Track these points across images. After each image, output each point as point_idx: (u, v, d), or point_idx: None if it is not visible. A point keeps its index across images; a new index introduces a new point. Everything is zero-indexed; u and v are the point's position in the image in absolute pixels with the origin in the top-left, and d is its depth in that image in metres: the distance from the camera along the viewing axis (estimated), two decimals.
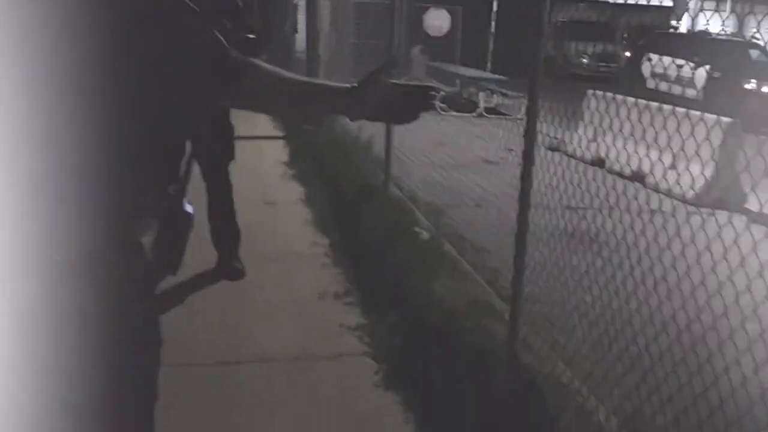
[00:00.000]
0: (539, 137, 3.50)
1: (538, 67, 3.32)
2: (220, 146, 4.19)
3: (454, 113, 11.98)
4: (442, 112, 12.02)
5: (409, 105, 1.71)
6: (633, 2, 22.18)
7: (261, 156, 7.49)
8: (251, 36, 4.01)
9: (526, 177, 3.35)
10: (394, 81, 1.74)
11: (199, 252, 4.30)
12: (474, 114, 11.89)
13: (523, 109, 3.59)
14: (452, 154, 8.15)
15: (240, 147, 4.44)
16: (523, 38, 3.43)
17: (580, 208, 4.13)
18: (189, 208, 2.15)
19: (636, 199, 3.68)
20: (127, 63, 1.47)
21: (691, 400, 2.56)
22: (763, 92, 12.61)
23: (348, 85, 1.68)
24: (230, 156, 4.27)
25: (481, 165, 7.89)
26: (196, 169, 4.13)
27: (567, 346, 3.23)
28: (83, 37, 1.42)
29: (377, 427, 2.91)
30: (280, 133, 8.95)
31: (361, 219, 5.04)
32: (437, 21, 15.62)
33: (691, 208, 6.20)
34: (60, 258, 1.43)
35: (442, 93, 12.71)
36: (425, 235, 4.76)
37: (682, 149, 3.85)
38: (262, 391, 3.10)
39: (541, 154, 3.64)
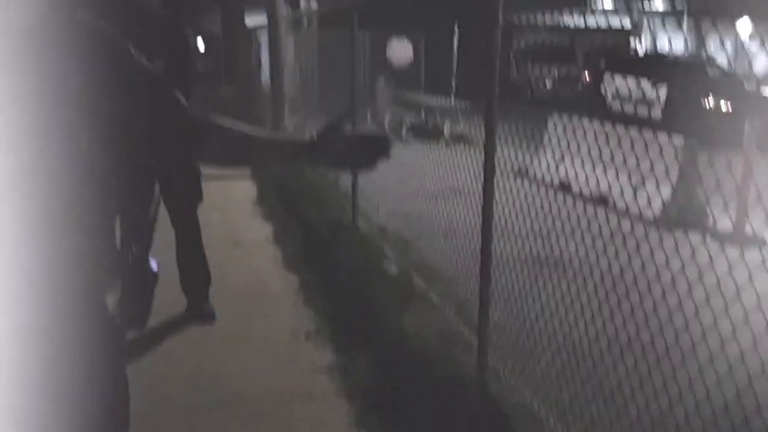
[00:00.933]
0: (503, 163, 3.58)
1: (493, 94, 3.39)
2: (187, 190, 4.21)
3: (420, 142, 12.11)
4: (409, 141, 12.17)
5: (367, 154, 1.78)
6: (593, 26, 22.72)
7: (229, 195, 7.50)
8: (200, 71, 4.09)
9: (487, 207, 3.43)
10: (351, 132, 1.82)
11: (169, 296, 4.31)
12: (439, 142, 12.02)
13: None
14: (419, 184, 8.23)
15: (207, 186, 4.47)
16: (483, 64, 3.52)
17: (545, 233, 4.21)
18: (154, 266, 2.19)
19: (600, 220, 3.76)
20: (88, 130, 1.51)
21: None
22: (721, 110, 12.92)
23: (307, 138, 1.75)
24: (198, 198, 4.29)
25: (448, 193, 7.97)
26: (163, 213, 4.17)
27: (534, 374, 3.28)
28: (41, 107, 1.46)
29: None
30: (247, 171, 8.98)
31: (331, 256, 5.08)
32: (400, 51, 15.82)
33: (655, 227, 6.34)
34: (30, 323, 1.46)
35: (408, 122, 12.90)
36: (394, 269, 4.81)
37: (643, 170, 3.96)
38: None
39: (504, 180, 3.72)
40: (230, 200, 7.30)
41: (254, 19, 14.54)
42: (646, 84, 13.99)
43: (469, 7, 15.67)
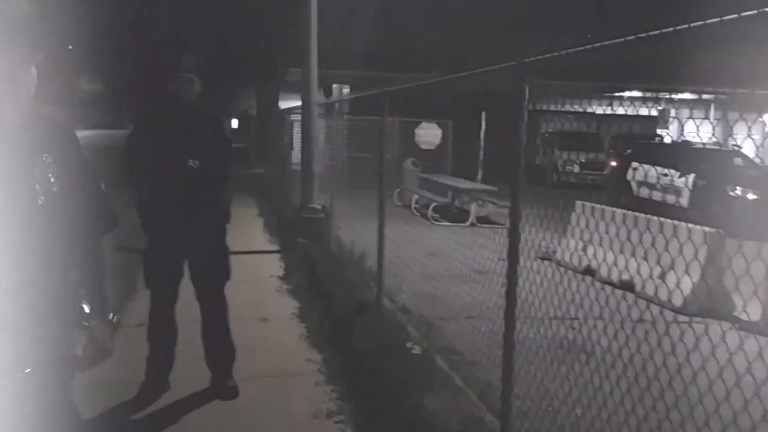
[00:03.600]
0: (528, 247, 3.63)
1: (518, 178, 3.47)
2: (215, 268, 4.31)
3: (447, 223, 12.22)
4: (435, 223, 12.28)
5: None
6: (619, 113, 23.02)
7: (256, 270, 7.60)
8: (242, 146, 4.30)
9: (510, 291, 3.46)
10: None
11: (193, 371, 4.35)
12: (466, 224, 12.12)
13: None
14: (444, 265, 8.28)
15: (235, 261, 4.56)
16: (511, 148, 3.61)
17: (569, 318, 4.21)
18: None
19: (624, 307, 3.77)
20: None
21: None
22: (747, 198, 12.89)
23: None
24: (226, 276, 4.37)
25: (473, 275, 8.00)
26: (190, 288, 4.25)
27: None
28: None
29: None
30: (274, 247, 9.12)
31: (355, 334, 5.10)
32: (428, 135, 16.16)
33: (679, 317, 6.30)
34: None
35: (434, 204, 13.04)
36: (417, 349, 4.82)
37: (669, 258, 3.98)
38: None
39: (530, 263, 3.76)
40: (257, 276, 7.38)
41: (287, 102, 15.01)
42: (672, 171, 14.05)
43: (496, 94, 16.05)
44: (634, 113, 25.53)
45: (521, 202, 3.51)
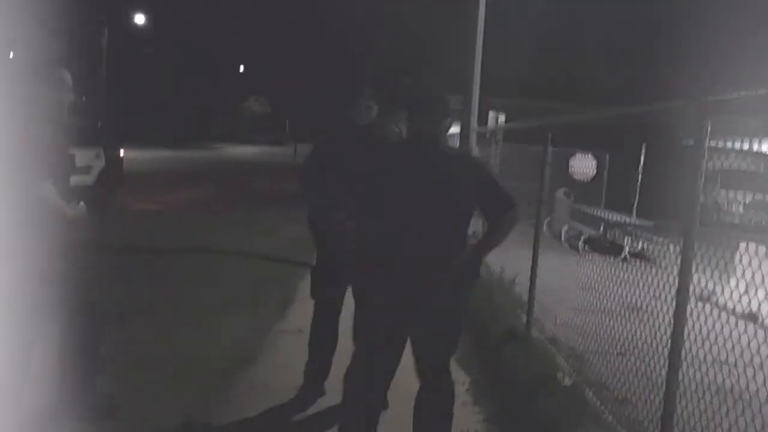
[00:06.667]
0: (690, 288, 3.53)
1: (694, 216, 3.38)
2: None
3: (598, 256, 11.91)
4: (586, 254, 12.00)
5: None
6: None
7: None
8: None
9: (677, 333, 3.38)
10: None
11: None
12: (618, 258, 11.76)
13: (669, 256, 3.62)
14: (595, 298, 8.08)
15: None
16: (672, 185, 3.54)
17: (732, 365, 4.03)
18: None
19: None
20: None
21: None
22: None
23: None
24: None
25: (625, 311, 7.75)
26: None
27: None
28: None
29: None
30: None
31: (503, 360, 5.12)
32: (583, 166, 15.86)
33: None
34: None
35: (586, 235, 12.76)
36: (567, 381, 4.77)
37: None
38: None
39: (690, 304, 3.65)
40: None
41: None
42: None
43: (658, 129, 15.51)
44: None
45: (694, 241, 3.43)
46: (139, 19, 38.19)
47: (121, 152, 14.73)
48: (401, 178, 3.28)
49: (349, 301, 4.48)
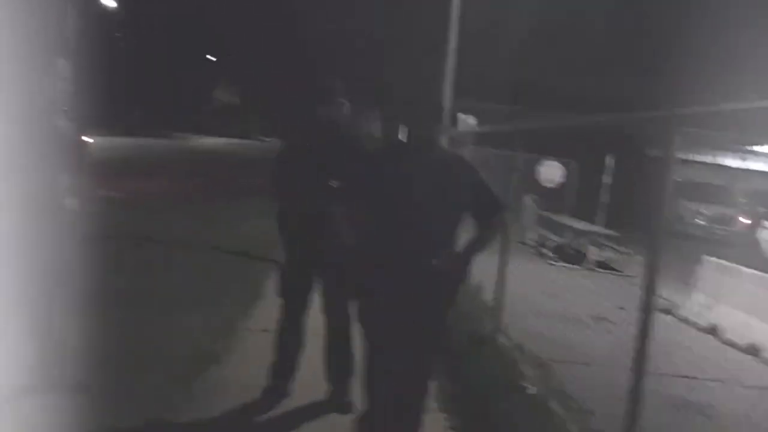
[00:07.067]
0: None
1: (659, 228, 3.40)
2: (341, 283, 4.44)
3: (563, 264, 12.01)
4: (552, 263, 12.09)
5: None
6: (756, 169, 21.87)
7: None
8: None
9: (641, 345, 3.39)
10: None
11: (312, 382, 4.49)
12: (583, 266, 11.87)
13: (634, 266, 3.64)
14: (559, 306, 8.15)
15: None
16: (638, 195, 3.57)
17: (693, 378, 4.07)
18: None
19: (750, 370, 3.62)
20: None
21: None
22: None
23: None
24: (351, 292, 4.49)
25: (590, 321, 7.83)
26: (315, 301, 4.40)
27: None
28: None
29: None
30: None
31: (469, 366, 5.11)
32: (550, 172, 15.97)
33: None
34: None
35: (552, 243, 12.85)
36: (532, 389, 4.77)
37: None
38: None
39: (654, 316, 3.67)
40: None
41: None
42: None
43: (624, 140, 15.70)
44: None
45: (660, 253, 3.44)
46: (109, 1, 37.50)
47: (87, 139, 14.40)
48: (398, 181, 3.34)
49: (316, 301, 4.44)
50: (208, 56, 59.66)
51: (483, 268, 7.37)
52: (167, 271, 7.53)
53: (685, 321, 7.80)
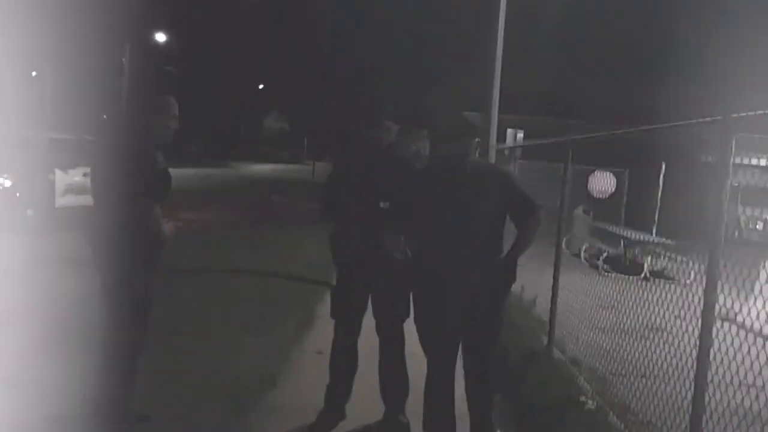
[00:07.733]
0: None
1: (719, 236, 3.36)
2: (397, 303, 4.47)
3: (617, 274, 11.80)
4: (606, 273, 11.89)
5: None
6: None
7: None
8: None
9: (702, 356, 3.34)
10: None
11: (369, 403, 4.53)
12: (639, 276, 11.65)
13: (692, 274, 3.58)
14: (616, 318, 7.99)
15: None
16: (694, 203, 3.54)
17: (756, 387, 3.96)
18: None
19: None
20: None
21: None
22: None
23: None
24: (405, 313, 4.51)
25: (646, 332, 7.67)
26: (371, 322, 4.45)
27: None
28: None
29: None
30: None
31: (525, 382, 5.08)
32: (602, 183, 15.75)
33: None
34: None
35: (606, 254, 12.65)
36: (591, 404, 4.72)
37: None
38: None
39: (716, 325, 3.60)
40: None
41: None
42: None
43: (679, 148, 15.39)
44: None
45: (720, 262, 3.40)
46: (160, 37, 38.54)
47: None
48: (443, 198, 3.74)
49: (368, 323, 4.48)
50: (258, 85, 60.74)
51: (537, 281, 7.35)
52: (225, 297, 7.68)
53: (746, 329, 7.58)
